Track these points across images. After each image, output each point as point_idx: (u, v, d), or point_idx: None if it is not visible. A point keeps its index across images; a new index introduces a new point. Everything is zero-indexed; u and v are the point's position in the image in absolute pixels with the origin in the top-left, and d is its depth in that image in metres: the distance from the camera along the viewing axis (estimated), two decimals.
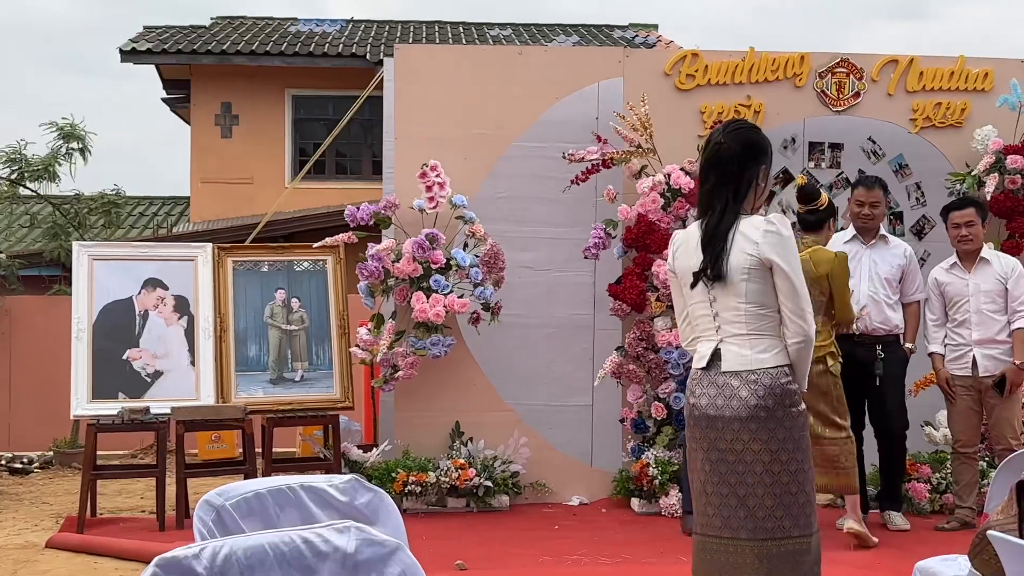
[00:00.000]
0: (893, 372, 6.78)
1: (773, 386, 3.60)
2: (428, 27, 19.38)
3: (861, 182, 7.00)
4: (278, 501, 2.74)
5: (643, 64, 7.87)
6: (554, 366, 7.85)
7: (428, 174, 7.33)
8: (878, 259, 6.86)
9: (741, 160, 3.68)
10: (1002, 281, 6.69)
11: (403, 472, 7.20)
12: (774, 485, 3.60)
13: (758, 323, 3.66)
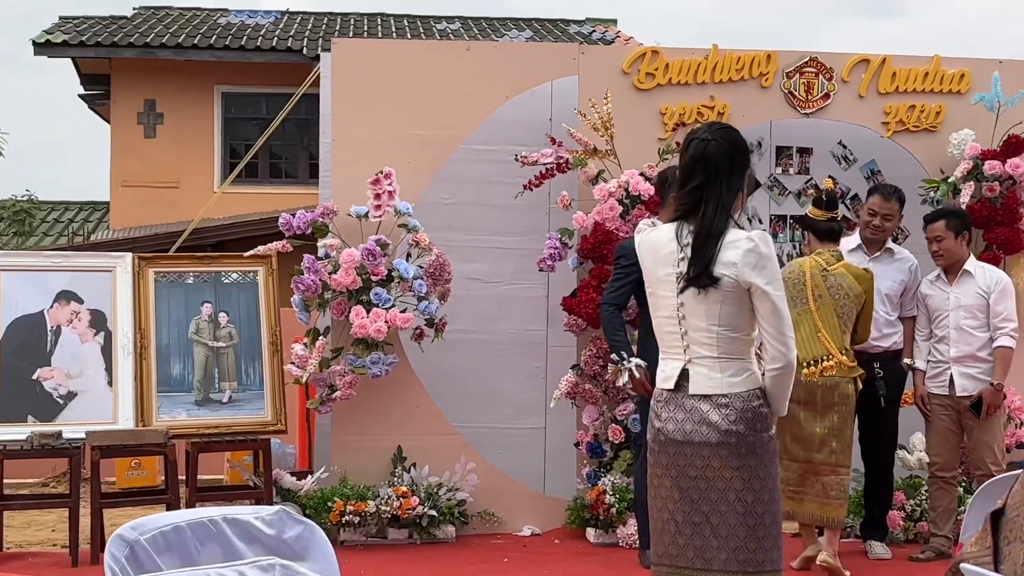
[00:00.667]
0: (891, 394, 6.86)
1: (745, 410, 3.62)
2: (370, 20, 19.36)
3: (878, 190, 7.02)
4: (198, 535, 2.70)
5: (600, 62, 7.89)
6: (504, 386, 7.83)
7: (381, 182, 7.30)
8: (880, 274, 6.89)
9: (731, 159, 3.68)
10: (984, 295, 6.70)
11: (340, 501, 7.15)
12: (747, 515, 3.63)
13: (729, 346, 3.66)
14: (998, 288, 6.71)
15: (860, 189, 8.22)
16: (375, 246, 7.20)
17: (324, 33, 17.65)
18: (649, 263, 3.78)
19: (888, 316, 6.90)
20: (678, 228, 3.70)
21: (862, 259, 6.94)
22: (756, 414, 3.63)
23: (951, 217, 6.85)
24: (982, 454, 6.69)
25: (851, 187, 8.25)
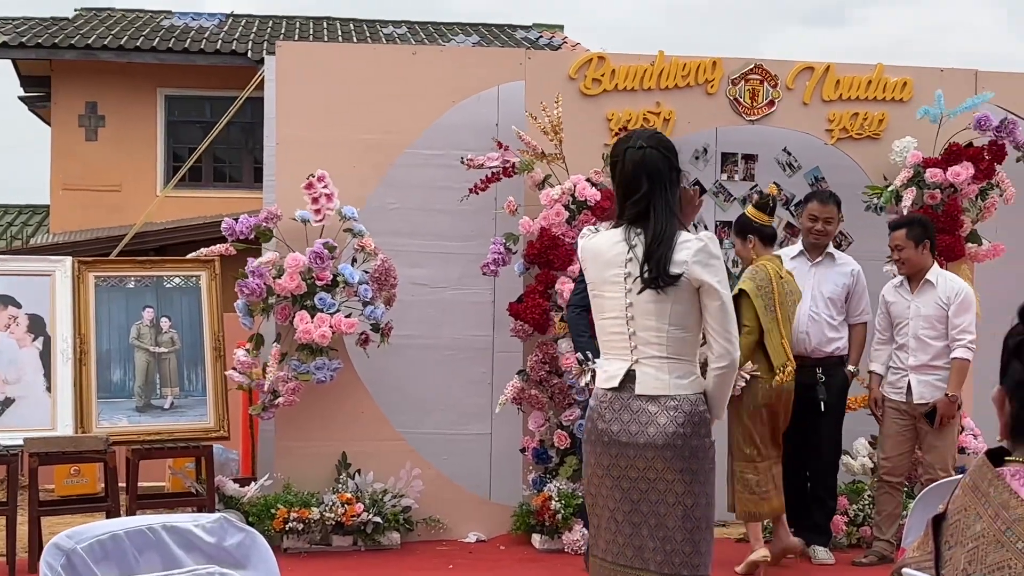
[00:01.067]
0: (832, 399, 6.90)
1: (692, 413, 3.67)
2: (316, 24, 19.26)
3: (815, 196, 7.15)
4: (137, 544, 2.65)
5: (546, 67, 7.90)
6: (450, 392, 7.81)
7: (315, 185, 7.25)
8: (822, 278, 6.99)
9: (669, 164, 3.78)
10: (944, 307, 6.74)
11: (284, 508, 7.09)
12: (686, 519, 3.68)
13: (678, 347, 3.71)
14: (957, 300, 6.73)
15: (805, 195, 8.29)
16: (323, 249, 7.16)
17: (269, 36, 17.53)
18: (594, 266, 3.82)
19: (832, 320, 6.97)
20: (626, 232, 3.75)
21: (804, 265, 7.03)
22: (701, 418, 3.70)
23: (912, 226, 6.87)
24: (933, 460, 6.74)
25: (796, 193, 8.31)
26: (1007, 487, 2.02)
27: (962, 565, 2.04)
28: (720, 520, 7.79)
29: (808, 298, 6.93)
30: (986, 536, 2.02)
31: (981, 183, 7.69)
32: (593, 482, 3.83)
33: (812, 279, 7.02)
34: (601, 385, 3.80)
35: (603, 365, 3.83)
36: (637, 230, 3.72)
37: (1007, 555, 1.97)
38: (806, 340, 6.90)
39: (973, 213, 7.74)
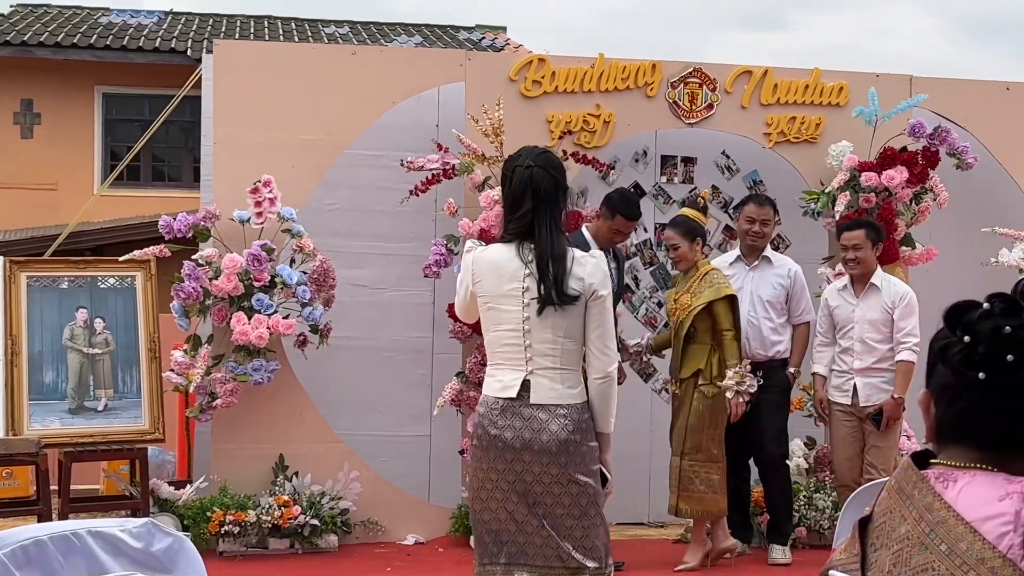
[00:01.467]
0: (769, 398, 6.94)
1: (580, 420, 3.87)
2: (256, 22, 19.12)
3: (752, 199, 7.21)
4: (62, 549, 2.61)
5: (487, 68, 7.89)
6: (389, 393, 7.78)
7: (260, 190, 7.18)
8: (760, 282, 7.04)
9: (555, 183, 3.90)
10: (889, 311, 6.81)
11: (220, 511, 7.02)
12: (583, 517, 3.86)
13: (569, 358, 3.89)
14: (903, 304, 6.80)
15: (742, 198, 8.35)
16: (260, 251, 7.10)
17: (208, 35, 17.37)
18: (491, 279, 3.91)
19: (770, 323, 7.02)
20: (519, 248, 3.88)
21: (742, 269, 7.08)
22: (588, 424, 3.90)
23: (870, 228, 6.95)
24: (875, 461, 6.77)
25: (734, 196, 8.37)
26: (931, 490, 2.04)
27: (887, 567, 2.06)
28: (659, 521, 7.87)
29: (747, 302, 6.99)
30: (911, 538, 2.03)
31: (915, 187, 7.78)
32: (486, 487, 3.93)
33: (750, 283, 7.07)
34: (494, 394, 3.92)
35: (496, 375, 3.94)
36: (529, 246, 3.85)
37: (931, 557, 1.99)
38: (746, 344, 6.94)
39: (907, 217, 7.83)
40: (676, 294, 6.82)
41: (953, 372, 2.06)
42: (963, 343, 2.04)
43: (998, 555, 1.92)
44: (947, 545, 1.97)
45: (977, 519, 1.97)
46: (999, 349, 2.01)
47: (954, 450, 2.09)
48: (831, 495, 7.43)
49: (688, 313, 6.68)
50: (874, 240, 6.89)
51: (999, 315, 2.04)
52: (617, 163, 8.17)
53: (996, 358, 2.01)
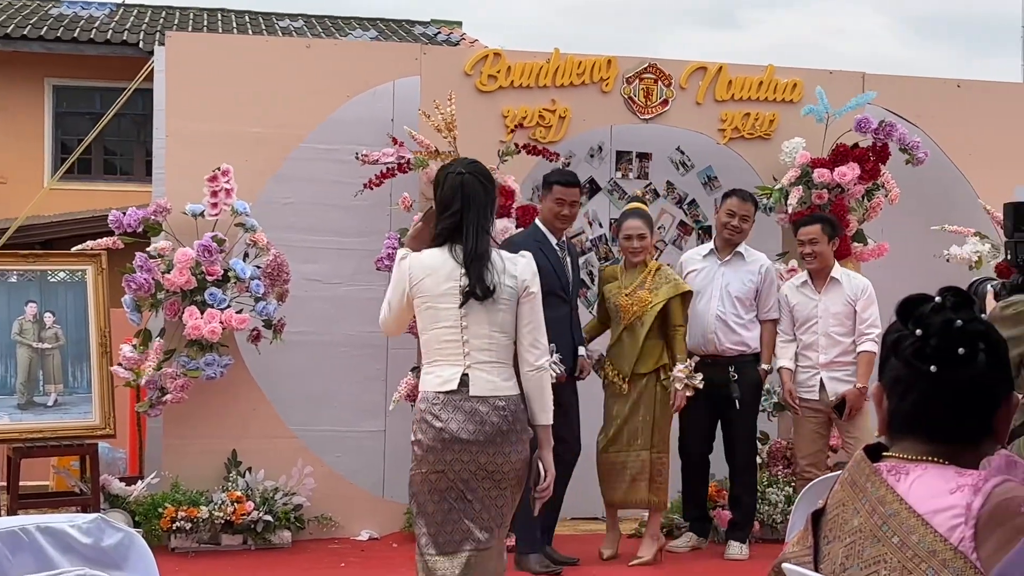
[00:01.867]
0: (747, 400, 7.00)
1: (517, 411, 4.14)
2: (209, 15, 18.95)
3: (735, 193, 7.21)
4: (10, 545, 2.57)
5: (442, 62, 7.86)
6: (343, 388, 7.74)
7: (219, 179, 7.12)
8: (731, 277, 7.05)
9: (485, 190, 4.20)
10: (851, 303, 6.88)
11: (171, 507, 6.96)
12: (512, 499, 4.20)
13: (503, 352, 4.16)
14: (864, 296, 6.89)
15: (697, 195, 8.40)
16: (211, 243, 7.04)
17: (160, 27, 17.18)
18: (429, 280, 4.12)
19: (739, 319, 7.02)
20: (451, 249, 4.13)
21: (714, 263, 7.09)
22: (524, 415, 4.17)
23: (825, 223, 7.01)
24: (852, 453, 6.81)
25: (688, 192, 8.41)
26: (884, 482, 2.05)
27: (840, 559, 2.07)
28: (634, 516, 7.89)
29: (716, 297, 7.01)
30: (863, 531, 2.04)
31: (867, 183, 7.84)
32: (430, 479, 4.12)
33: (720, 278, 7.07)
34: (434, 388, 4.11)
35: (435, 371, 4.13)
36: (459, 247, 4.11)
37: (883, 549, 2.00)
38: (716, 340, 6.97)
39: (859, 213, 7.89)
40: (628, 288, 6.82)
41: (905, 365, 2.08)
42: (915, 336, 2.05)
43: (949, 547, 1.94)
44: (899, 537, 1.99)
45: (928, 511, 1.98)
46: (951, 342, 2.03)
47: (906, 443, 2.11)
48: (783, 489, 7.48)
49: (649, 309, 6.72)
50: (830, 235, 6.95)
51: (950, 308, 2.06)
52: (572, 158, 8.17)
53: (948, 351, 2.03)
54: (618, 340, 6.89)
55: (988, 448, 2.09)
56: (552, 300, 6.66)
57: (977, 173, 8.36)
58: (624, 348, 6.83)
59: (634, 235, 6.83)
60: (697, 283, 7.04)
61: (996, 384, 2.07)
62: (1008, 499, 1.93)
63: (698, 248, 7.43)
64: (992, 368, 2.04)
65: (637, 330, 6.78)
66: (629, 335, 6.82)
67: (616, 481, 6.80)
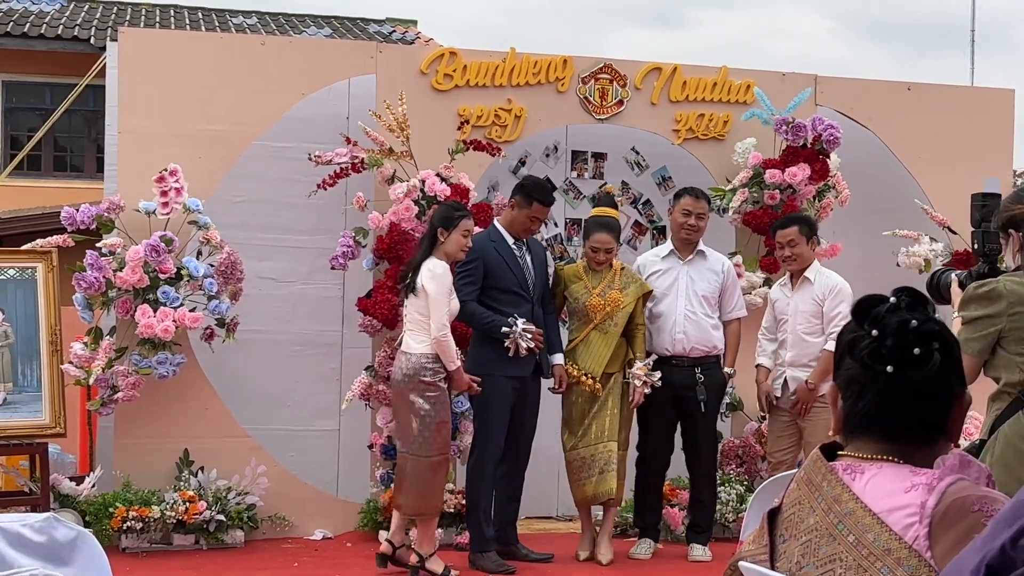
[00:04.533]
0: (710, 401, 7.00)
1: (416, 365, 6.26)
2: (162, 11, 18.79)
3: (688, 191, 7.16)
4: None
5: (398, 61, 7.84)
6: (298, 387, 7.70)
7: (167, 179, 7.04)
8: (695, 275, 7.03)
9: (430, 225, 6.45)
10: (819, 302, 6.82)
11: (122, 506, 6.88)
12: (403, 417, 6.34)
13: (415, 325, 6.31)
14: (832, 294, 6.81)
15: (652, 195, 8.43)
16: (159, 242, 6.96)
17: (112, 22, 17.02)
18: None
19: (709, 318, 7.01)
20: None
21: (676, 264, 7.07)
22: (422, 368, 6.25)
23: (803, 223, 6.99)
24: (806, 454, 6.79)
25: (643, 192, 8.44)
26: (839, 481, 2.06)
27: (796, 558, 2.08)
28: (567, 515, 7.89)
29: (683, 297, 6.98)
30: (819, 529, 2.05)
31: (818, 184, 7.89)
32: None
33: (684, 278, 7.04)
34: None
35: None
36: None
37: (839, 548, 2.01)
38: (684, 340, 6.94)
39: (811, 213, 7.93)
40: (597, 289, 6.82)
41: (861, 365, 2.09)
42: (871, 337, 2.07)
43: (904, 546, 1.95)
44: (855, 536, 2.00)
45: (884, 510, 1.99)
46: (906, 342, 2.04)
47: (861, 442, 2.12)
48: (735, 488, 7.52)
49: (621, 308, 6.75)
50: (807, 234, 6.93)
51: (905, 309, 2.07)
52: (528, 158, 8.18)
53: (903, 351, 2.04)
54: (585, 339, 6.88)
55: (942, 447, 2.11)
56: (513, 298, 6.70)
57: (927, 175, 8.44)
58: (593, 348, 6.82)
59: (600, 248, 6.85)
60: (661, 284, 7.02)
61: (950, 384, 2.08)
62: (962, 498, 1.95)
63: (655, 250, 7.40)
64: (946, 368, 2.06)
65: (610, 330, 6.79)
66: (599, 335, 6.81)
67: (586, 475, 6.78)
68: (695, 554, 7.00)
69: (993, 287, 3.69)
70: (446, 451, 6.43)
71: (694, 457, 7.11)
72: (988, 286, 3.69)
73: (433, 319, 6.21)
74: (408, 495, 6.36)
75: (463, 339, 6.90)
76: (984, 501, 1.94)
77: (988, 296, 3.66)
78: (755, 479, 7.53)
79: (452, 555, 6.71)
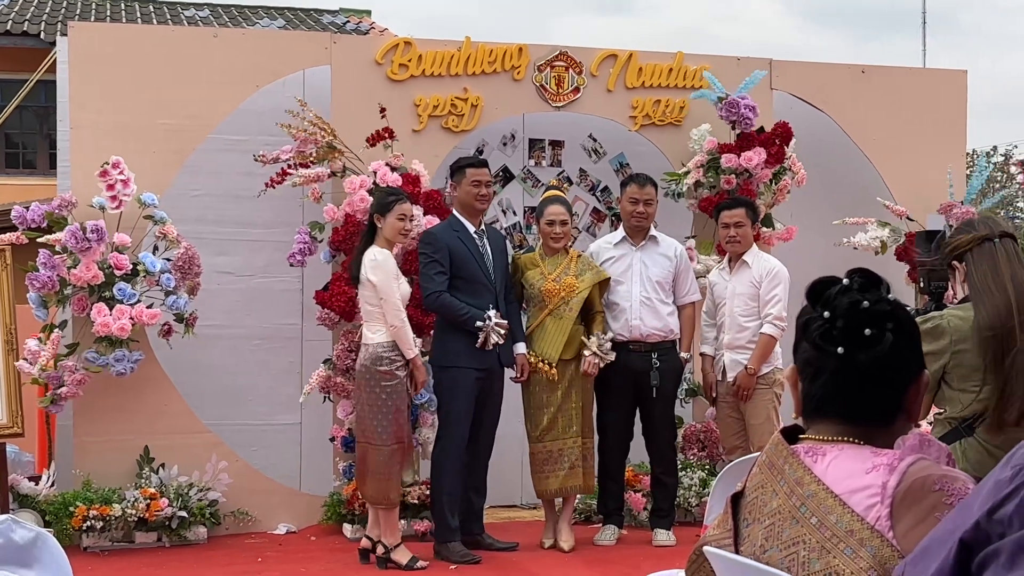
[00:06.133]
0: (666, 387, 7.00)
1: (373, 354, 6.33)
2: (113, 5, 18.58)
3: (633, 179, 7.17)
4: None
5: (352, 51, 7.79)
6: (258, 382, 7.66)
7: (109, 172, 6.96)
8: (648, 261, 7.03)
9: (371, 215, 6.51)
10: (756, 285, 6.83)
11: (83, 505, 6.82)
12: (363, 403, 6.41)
13: (370, 316, 6.40)
14: (768, 277, 6.81)
15: (610, 181, 8.43)
16: (77, 229, 6.82)
17: (63, 17, 16.81)
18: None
19: (664, 303, 7.02)
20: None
21: (629, 250, 7.07)
22: (380, 357, 6.31)
23: (749, 206, 7.02)
24: (751, 436, 6.83)
25: (601, 179, 8.44)
26: (801, 464, 2.07)
27: (759, 541, 2.09)
28: (531, 503, 7.89)
29: (637, 283, 6.99)
30: (782, 512, 2.06)
31: (774, 167, 7.92)
32: None
33: (638, 263, 7.04)
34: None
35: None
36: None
37: (802, 530, 2.02)
38: (640, 325, 6.94)
39: (767, 197, 7.97)
40: (552, 274, 6.82)
41: (814, 347, 2.09)
42: (823, 318, 2.07)
43: (866, 526, 1.96)
44: (817, 518, 2.01)
45: (845, 492, 2.00)
46: (857, 323, 2.05)
47: (822, 424, 2.13)
48: (697, 472, 7.55)
49: (576, 294, 6.76)
50: (752, 218, 6.98)
51: (857, 290, 2.08)
52: (485, 146, 8.16)
53: (854, 332, 2.05)
54: (540, 325, 6.88)
55: (902, 427, 2.12)
56: (476, 287, 6.70)
57: (882, 157, 8.50)
58: (548, 334, 6.82)
59: (556, 220, 6.85)
60: (615, 270, 7.03)
61: (905, 363, 2.09)
62: (923, 477, 1.96)
63: (607, 237, 7.41)
64: (901, 348, 2.06)
65: (564, 315, 6.79)
66: (554, 320, 6.82)
67: (553, 470, 6.79)
68: (659, 539, 7.02)
69: (937, 323, 3.71)
70: (403, 439, 6.44)
71: (654, 442, 7.13)
72: (932, 322, 3.70)
73: (386, 308, 6.30)
74: (369, 484, 6.39)
75: (419, 328, 6.89)
76: (945, 480, 1.95)
77: (932, 332, 3.66)
78: (717, 463, 7.57)
79: (417, 546, 6.70)
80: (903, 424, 2.11)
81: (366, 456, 6.39)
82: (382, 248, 6.38)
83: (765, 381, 6.80)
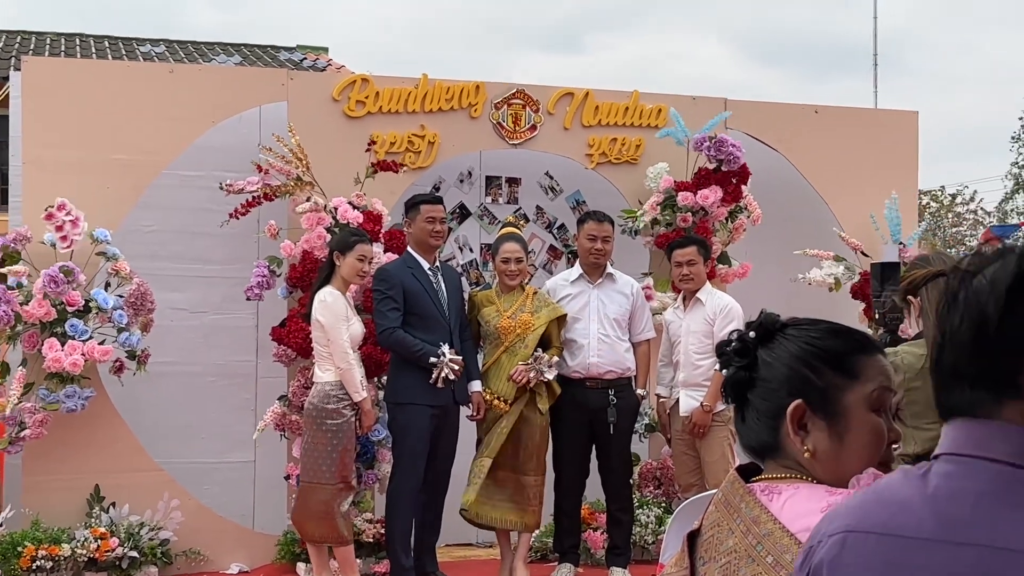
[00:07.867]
0: (623, 424, 6.98)
1: (321, 392, 6.40)
2: (68, 40, 18.51)
3: (591, 216, 7.19)
4: None
5: (309, 88, 7.79)
6: (212, 419, 7.59)
7: (56, 215, 6.89)
8: (605, 299, 7.04)
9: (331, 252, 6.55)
10: (710, 323, 6.86)
11: (31, 545, 6.70)
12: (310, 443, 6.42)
13: (320, 356, 6.45)
14: (722, 314, 6.85)
15: (566, 219, 8.46)
16: (58, 272, 6.79)
17: (16, 51, 16.72)
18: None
19: (621, 341, 7.03)
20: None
21: (586, 287, 7.08)
22: (329, 396, 6.34)
23: (700, 244, 7.06)
24: (708, 477, 6.82)
25: (558, 217, 8.47)
26: (757, 502, 2.07)
27: None
28: (487, 541, 7.85)
29: (595, 320, 6.98)
30: (738, 551, 2.06)
31: (730, 205, 7.98)
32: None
33: (595, 301, 7.04)
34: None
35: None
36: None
37: (758, 569, 2.01)
38: (598, 363, 6.93)
39: (723, 235, 8.03)
40: (508, 311, 6.82)
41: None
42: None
43: None
44: (773, 557, 2.00)
45: (801, 530, 2.00)
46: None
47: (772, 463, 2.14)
48: (653, 510, 7.54)
49: (532, 331, 6.75)
50: (704, 256, 7.03)
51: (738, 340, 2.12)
52: (442, 184, 8.16)
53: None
54: (496, 362, 6.85)
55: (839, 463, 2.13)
56: (430, 323, 6.68)
57: (835, 196, 8.59)
58: (504, 371, 6.79)
59: (511, 258, 6.85)
60: (573, 308, 7.02)
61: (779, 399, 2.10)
62: None
63: (563, 274, 7.41)
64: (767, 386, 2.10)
65: (519, 352, 6.78)
66: (510, 357, 6.80)
67: (492, 498, 6.74)
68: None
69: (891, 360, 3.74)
70: (348, 478, 6.42)
71: (610, 479, 7.11)
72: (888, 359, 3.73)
73: (334, 350, 6.39)
74: (311, 522, 6.44)
75: (377, 365, 6.86)
76: None
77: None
78: (673, 500, 7.56)
79: None
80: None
81: (309, 495, 6.38)
82: (335, 289, 6.40)
83: (720, 419, 6.81)
